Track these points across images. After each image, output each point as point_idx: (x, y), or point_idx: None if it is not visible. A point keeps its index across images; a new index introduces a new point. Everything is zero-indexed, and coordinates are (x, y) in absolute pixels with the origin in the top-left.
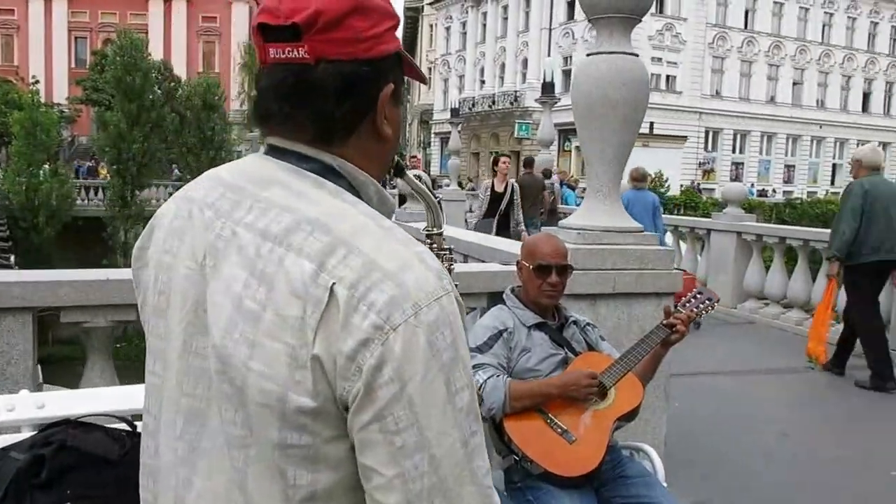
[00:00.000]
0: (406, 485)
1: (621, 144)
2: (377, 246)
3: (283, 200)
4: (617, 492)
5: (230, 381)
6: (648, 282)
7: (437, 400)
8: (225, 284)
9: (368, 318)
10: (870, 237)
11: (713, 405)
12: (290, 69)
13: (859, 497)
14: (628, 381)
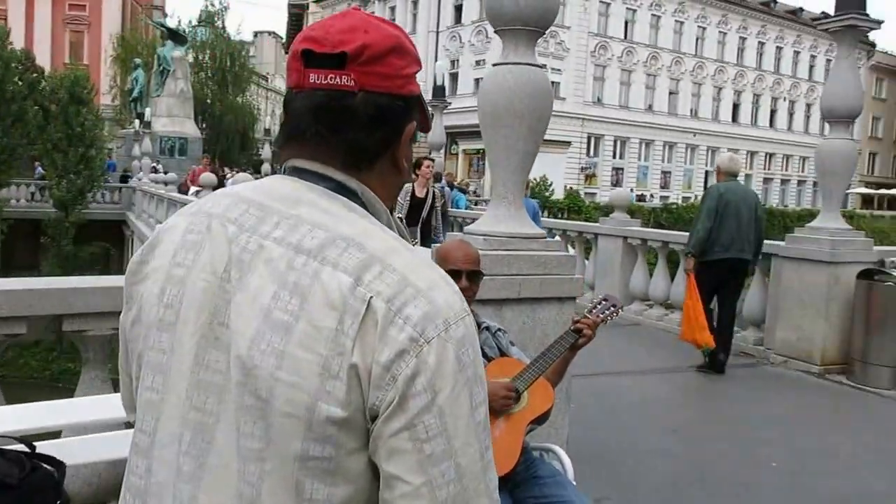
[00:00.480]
0: (433, 492)
1: (526, 153)
2: (408, 265)
3: (314, 218)
4: (530, 492)
5: (253, 393)
6: (551, 287)
7: (463, 412)
8: (252, 296)
9: (405, 331)
10: (722, 236)
11: (608, 405)
12: (331, 95)
13: (744, 487)
14: (540, 384)
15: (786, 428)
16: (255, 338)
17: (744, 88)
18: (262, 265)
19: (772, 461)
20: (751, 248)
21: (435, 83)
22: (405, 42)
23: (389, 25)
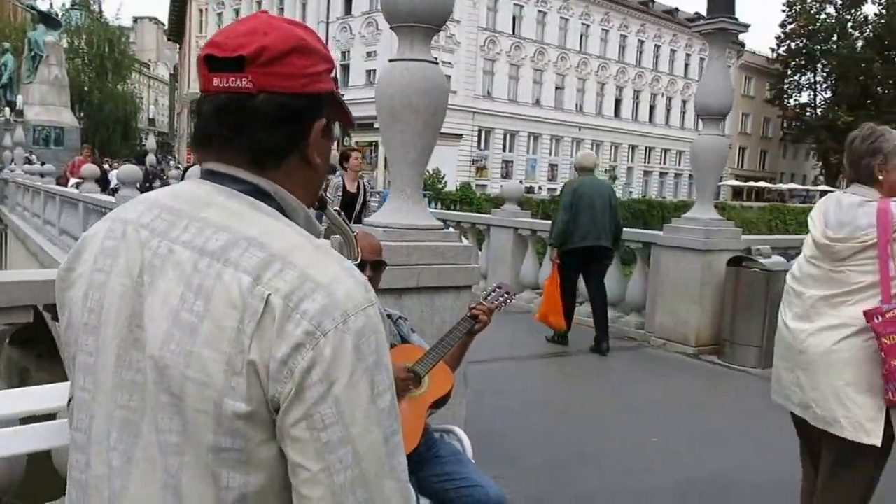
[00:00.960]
0: (330, 478)
1: (423, 147)
2: (310, 261)
3: (220, 220)
4: (432, 470)
5: (167, 391)
6: (449, 276)
7: (362, 400)
8: (162, 299)
9: (301, 326)
10: (579, 227)
11: (501, 389)
12: (232, 97)
13: (627, 463)
14: (440, 369)
15: (664, 406)
16: (166, 338)
17: (625, 84)
18: (172, 269)
19: (652, 437)
20: (608, 235)
21: None
22: (309, 42)
23: (295, 26)
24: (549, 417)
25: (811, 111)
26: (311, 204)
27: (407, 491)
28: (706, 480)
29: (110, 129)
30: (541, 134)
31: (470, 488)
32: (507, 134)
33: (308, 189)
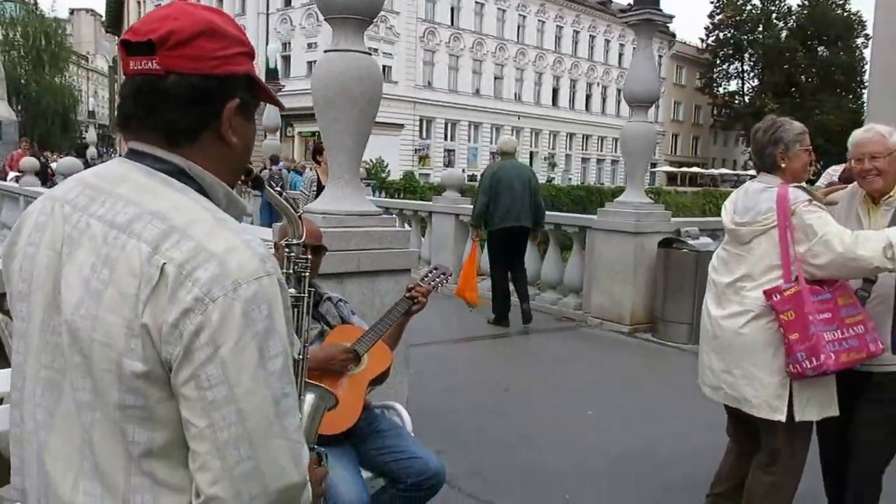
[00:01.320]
0: (215, 434)
1: (360, 135)
2: (209, 233)
3: (131, 195)
4: (373, 444)
5: (80, 352)
6: (388, 260)
7: (248, 363)
8: (76, 268)
9: (192, 292)
10: (499, 209)
11: (444, 370)
12: (145, 79)
13: (564, 438)
14: (378, 347)
15: (600, 382)
16: (77, 304)
17: (562, 74)
18: (87, 241)
19: (588, 412)
20: (528, 216)
21: (267, 66)
22: (219, 26)
23: (207, 11)
24: (490, 396)
25: (739, 99)
26: (233, 181)
27: (298, 450)
28: (638, 452)
29: (49, 121)
30: (481, 123)
31: (410, 460)
32: (448, 123)
33: (226, 166)
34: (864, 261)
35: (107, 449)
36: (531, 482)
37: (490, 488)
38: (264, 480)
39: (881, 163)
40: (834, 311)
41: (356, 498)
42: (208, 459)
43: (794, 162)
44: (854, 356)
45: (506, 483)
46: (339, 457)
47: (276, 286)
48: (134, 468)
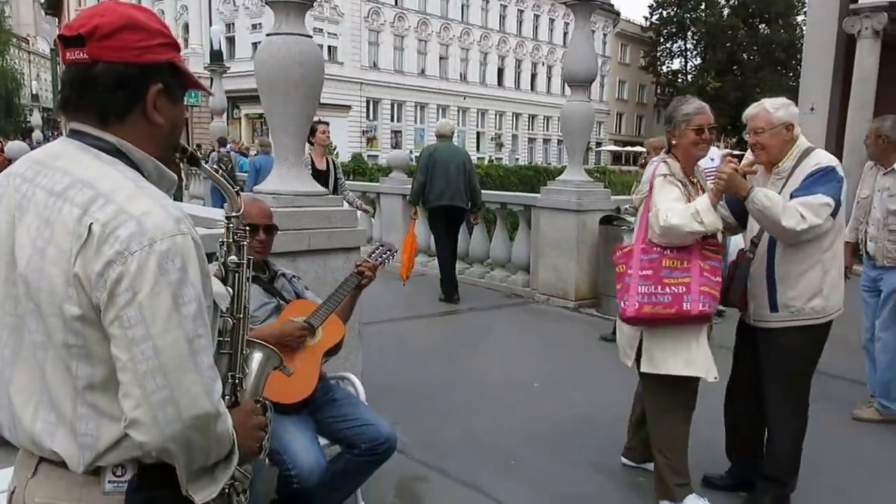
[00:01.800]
0: (135, 366)
1: (304, 117)
2: (129, 198)
3: (68, 167)
4: (329, 412)
5: (32, 300)
6: (338, 238)
7: (162, 306)
8: (26, 230)
9: (114, 247)
10: (434, 188)
11: (396, 346)
12: (78, 68)
13: (512, 407)
14: (332, 320)
15: (546, 355)
16: (28, 260)
17: (507, 54)
18: (33, 206)
19: (534, 383)
20: (463, 196)
21: (211, 48)
22: (140, 20)
23: (131, 8)
24: (440, 369)
25: (682, 77)
26: (164, 157)
27: (210, 384)
28: (579, 418)
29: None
30: (427, 104)
31: (364, 427)
32: (394, 104)
33: (155, 143)
34: (678, 228)
35: (57, 383)
36: (479, 449)
37: (440, 455)
38: (178, 408)
39: (763, 137)
40: (656, 270)
41: (314, 462)
42: (130, 388)
43: (682, 139)
44: (660, 310)
45: (455, 450)
46: (297, 424)
47: (189, 244)
48: (79, 399)
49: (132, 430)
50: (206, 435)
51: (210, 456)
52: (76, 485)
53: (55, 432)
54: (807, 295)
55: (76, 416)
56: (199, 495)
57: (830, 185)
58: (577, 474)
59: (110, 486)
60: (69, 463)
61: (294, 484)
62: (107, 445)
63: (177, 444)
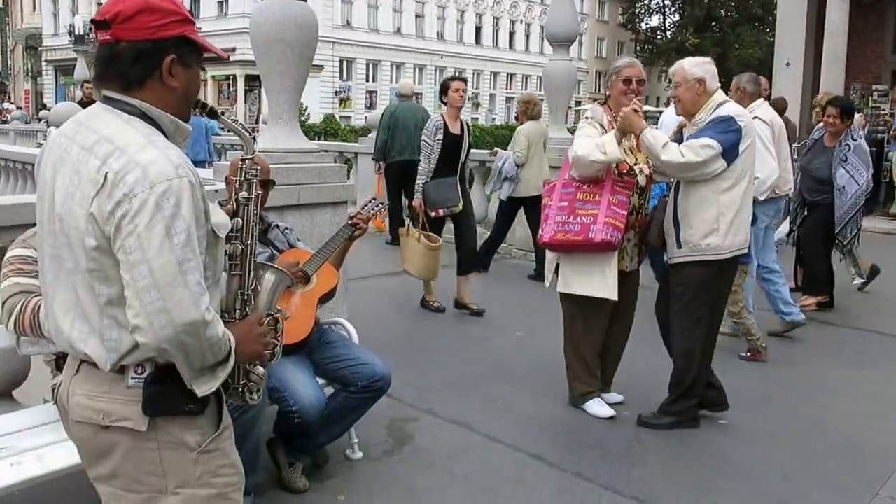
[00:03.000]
0: (136, 283)
1: (298, 77)
2: (139, 149)
3: (97, 126)
4: (325, 354)
5: (65, 235)
6: (327, 193)
7: (156, 236)
8: (62, 178)
9: (122, 190)
10: (395, 145)
11: (384, 300)
12: (105, 46)
13: (494, 353)
14: (326, 268)
15: (523, 307)
16: (62, 202)
17: (484, 11)
18: (69, 159)
19: (516, 332)
20: None
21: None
22: (154, 4)
23: None
24: (426, 321)
25: (661, 34)
26: (182, 112)
27: (198, 297)
28: (558, 358)
29: None
30: (404, 63)
31: (359, 366)
32: (369, 64)
33: (172, 103)
34: (584, 157)
35: (86, 300)
36: (466, 392)
37: (429, 399)
38: (170, 315)
39: (679, 91)
40: (571, 202)
41: (314, 398)
42: (132, 301)
43: (613, 90)
44: (570, 237)
45: (443, 393)
46: (296, 364)
47: (185, 185)
48: (104, 313)
49: (135, 334)
50: (198, 339)
51: (206, 357)
52: (106, 381)
53: (87, 339)
54: (702, 233)
55: (102, 326)
56: (201, 389)
57: (720, 132)
58: (559, 408)
59: (132, 381)
60: (99, 363)
61: (295, 419)
62: (127, 349)
63: (171, 346)
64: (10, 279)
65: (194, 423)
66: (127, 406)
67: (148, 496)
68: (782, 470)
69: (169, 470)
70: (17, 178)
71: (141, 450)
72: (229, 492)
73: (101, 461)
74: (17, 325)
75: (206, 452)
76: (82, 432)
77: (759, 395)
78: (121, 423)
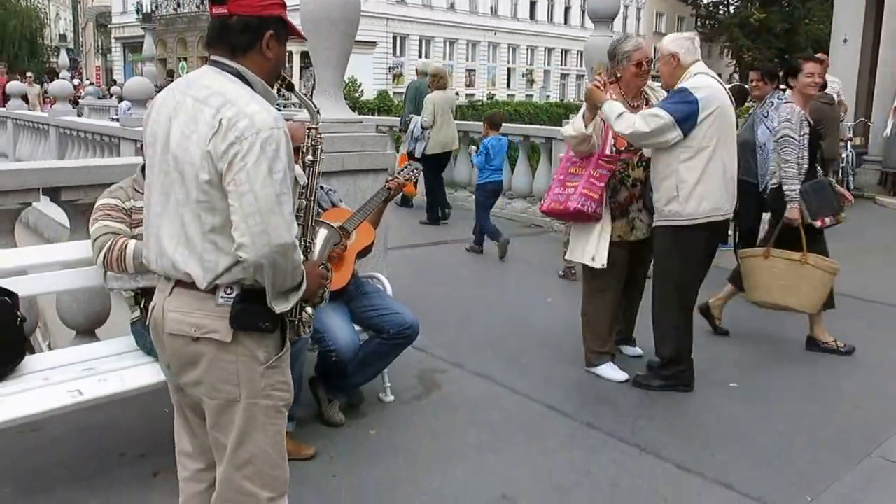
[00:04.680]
0: (243, 209)
1: (342, 53)
2: (246, 103)
3: (208, 83)
4: (361, 303)
5: (177, 171)
6: (368, 160)
7: (261, 172)
8: (178, 124)
9: (234, 134)
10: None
11: (418, 267)
12: (219, 19)
13: (527, 319)
14: (364, 226)
15: (555, 274)
16: (178, 143)
17: None
18: (184, 109)
19: (547, 298)
20: None
21: None
22: None
23: None
24: (461, 288)
25: (724, 9)
26: (271, 80)
27: (290, 224)
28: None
29: (17, 46)
30: (457, 39)
31: (391, 315)
32: (422, 40)
33: (265, 71)
34: (563, 134)
35: (191, 228)
36: (493, 350)
37: (458, 354)
38: (269, 236)
39: (659, 65)
40: (564, 176)
41: (350, 340)
42: (239, 223)
43: (625, 73)
44: (556, 206)
45: (472, 351)
46: (335, 310)
47: (282, 135)
48: (205, 238)
49: (240, 251)
50: (286, 259)
51: (287, 279)
52: (198, 299)
53: (188, 261)
54: (665, 199)
55: (203, 250)
56: (279, 307)
57: (673, 102)
58: (578, 369)
59: (221, 300)
60: (197, 281)
61: (333, 358)
62: (223, 269)
63: (267, 262)
64: (100, 222)
65: (264, 341)
66: (215, 320)
67: (224, 402)
68: (777, 429)
69: (242, 380)
70: (91, 148)
71: (222, 360)
72: (282, 406)
73: (190, 369)
74: (106, 261)
75: (271, 368)
76: (175, 343)
77: (763, 360)
78: (210, 334)
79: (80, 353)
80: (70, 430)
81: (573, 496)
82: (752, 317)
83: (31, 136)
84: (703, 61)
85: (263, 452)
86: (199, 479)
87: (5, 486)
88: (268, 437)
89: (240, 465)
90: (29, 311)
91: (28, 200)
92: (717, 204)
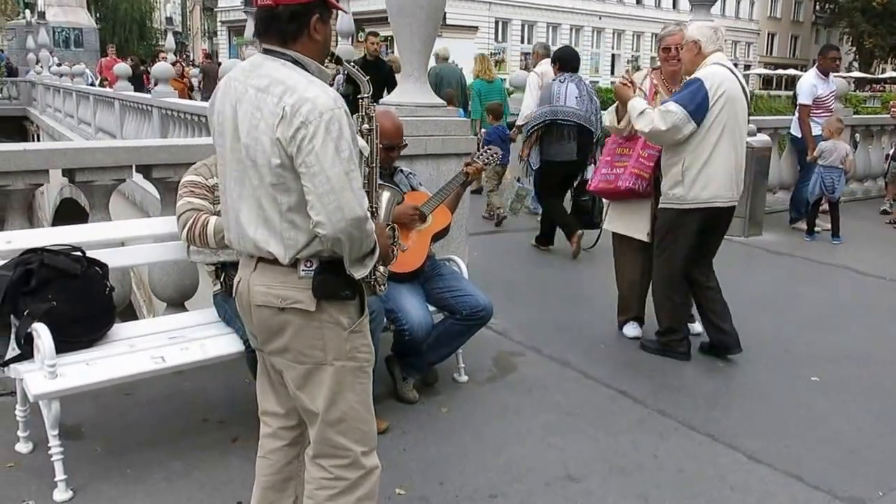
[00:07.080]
0: (317, 189)
1: (427, 37)
2: (305, 88)
3: (266, 71)
4: (435, 284)
5: (250, 158)
6: (451, 144)
7: (329, 152)
8: (243, 113)
9: (299, 119)
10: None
11: (498, 251)
12: (266, 9)
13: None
14: (440, 209)
15: None
16: (246, 132)
17: None
18: (246, 98)
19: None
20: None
21: None
22: None
23: None
24: (540, 273)
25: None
26: (321, 59)
27: (360, 198)
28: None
29: (127, 29)
30: (560, 24)
31: (465, 297)
32: (524, 25)
33: (316, 52)
34: (606, 123)
35: (269, 209)
36: (570, 336)
37: (536, 338)
38: (343, 212)
39: (682, 52)
40: (612, 156)
41: (423, 319)
42: (314, 202)
43: (659, 58)
44: (605, 185)
45: (550, 335)
46: (410, 290)
47: (343, 114)
48: (284, 218)
49: (318, 228)
50: (361, 230)
51: (362, 247)
52: (281, 273)
53: (269, 240)
54: (670, 183)
55: (282, 229)
56: (357, 273)
57: (685, 94)
58: (656, 357)
59: (303, 272)
60: (279, 258)
61: (406, 336)
62: (303, 245)
63: (343, 235)
64: (184, 199)
65: (346, 307)
66: (299, 291)
67: (312, 366)
68: (857, 424)
69: (328, 344)
70: (190, 128)
71: (308, 328)
72: (366, 366)
73: (276, 338)
74: (189, 236)
75: (354, 332)
76: (262, 314)
77: (852, 352)
78: (295, 304)
79: (166, 322)
80: (159, 395)
81: (636, 478)
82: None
83: (137, 117)
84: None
85: (353, 409)
86: (279, 436)
87: (97, 444)
88: (356, 395)
89: (333, 423)
90: (121, 282)
91: (122, 177)
92: (720, 191)
